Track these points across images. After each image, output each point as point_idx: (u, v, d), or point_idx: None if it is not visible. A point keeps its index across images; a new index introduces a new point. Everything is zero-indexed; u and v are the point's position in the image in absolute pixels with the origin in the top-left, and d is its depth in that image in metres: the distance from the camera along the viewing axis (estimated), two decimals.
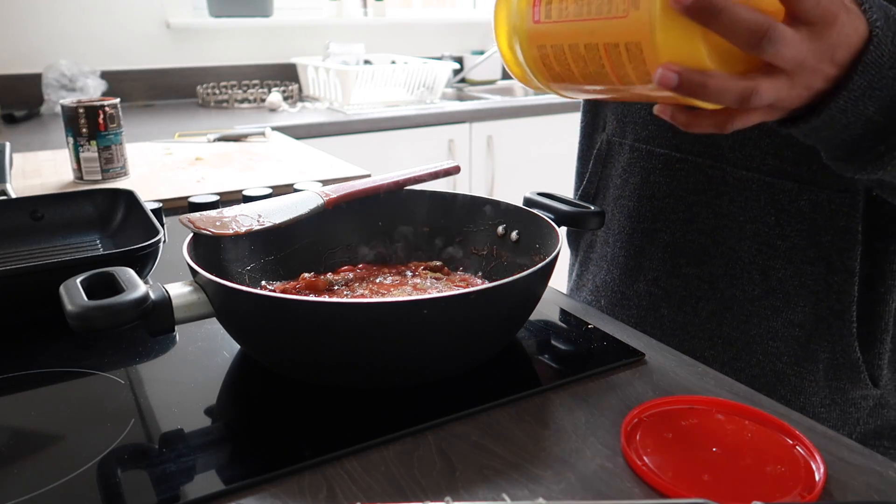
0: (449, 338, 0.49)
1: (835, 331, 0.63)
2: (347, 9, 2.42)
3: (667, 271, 0.71)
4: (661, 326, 0.72)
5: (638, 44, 0.42)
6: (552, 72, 0.50)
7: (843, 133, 0.45)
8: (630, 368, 0.55)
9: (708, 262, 0.68)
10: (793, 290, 0.64)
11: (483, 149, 2.14)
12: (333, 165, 1.23)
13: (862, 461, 0.44)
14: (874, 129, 0.45)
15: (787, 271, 0.64)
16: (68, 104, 1.08)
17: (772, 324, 0.66)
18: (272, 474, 0.42)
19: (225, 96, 2.16)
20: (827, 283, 0.63)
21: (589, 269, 0.81)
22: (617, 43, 0.43)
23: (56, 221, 0.80)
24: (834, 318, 0.63)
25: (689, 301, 0.70)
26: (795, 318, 0.65)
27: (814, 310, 0.64)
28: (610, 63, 0.44)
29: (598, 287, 0.79)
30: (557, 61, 0.49)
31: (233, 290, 0.47)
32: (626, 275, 0.75)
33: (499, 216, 0.68)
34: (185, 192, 1.04)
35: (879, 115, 0.44)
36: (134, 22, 2.15)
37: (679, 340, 0.70)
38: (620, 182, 0.76)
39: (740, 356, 0.68)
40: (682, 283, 0.70)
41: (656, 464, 0.42)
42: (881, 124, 0.44)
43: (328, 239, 0.69)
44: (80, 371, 0.54)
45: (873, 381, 0.65)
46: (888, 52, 0.42)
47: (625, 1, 0.41)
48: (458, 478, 0.42)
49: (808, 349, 0.65)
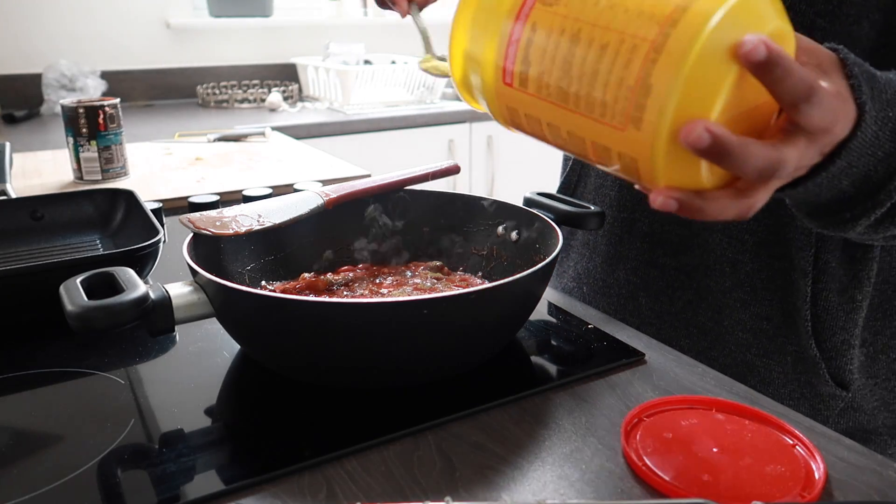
0: (449, 338, 0.49)
1: (795, 327, 0.65)
2: (347, 9, 2.42)
3: (645, 261, 0.72)
4: (640, 315, 0.73)
5: (634, 159, 0.38)
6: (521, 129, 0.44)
7: (814, 199, 0.47)
8: (630, 368, 0.55)
9: (684, 252, 0.69)
10: (760, 284, 0.66)
11: (483, 149, 2.14)
12: (333, 165, 1.23)
13: (862, 461, 0.44)
14: (843, 198, 0.46)
15: (754, 265, 0.65)
16: (68, 104, 1.08)
17: (741, 315, 0.67)
18: (272, 474, 0.42)
19: (225, 96, 2.16)
20: (789, 280, 0.64)
21: (570, 256, 0.82)
22: (609, 147, 0.38)
23: (56, 221, 0.80)
24: (796, 314, 0.65)
25: (666, 291, 0.71)
26: (762, 311, 0.66)
27: (780, 305, 0.65)
28: (595, 155, 0.40)
29: (580, 274, 0.80)
30: (530, 126, 0.43)
31: (233, 290, 0.47)
32: (607, 263, 0.76)
33: (499, 216, 0.68)
34: (185, 192, 1.04)
35: (851, 188, 0.45)
36: (134, 22, 2.15)
37: (656, 329, 0.72)
38: (601, 171, 0.76)
39: (714, 345, 0.69)
40: (660, 273, 0.71)
41: (656, 464, 0.42)
42: (851, 194, 0.46)
43: (328, 239, 0.69)
44: (80, 371, 0.54)
45: (838, 383, 0.66)
46: (871, 133, 0.43)
47: (624, 114, 0.36)
48: (458, 478, 0.42)
49: (775, 342, 0.66)
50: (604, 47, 0.37)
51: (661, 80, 0.35)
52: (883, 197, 0.46)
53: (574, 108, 0.39)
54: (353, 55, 2.29)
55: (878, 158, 0.44)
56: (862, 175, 0.44)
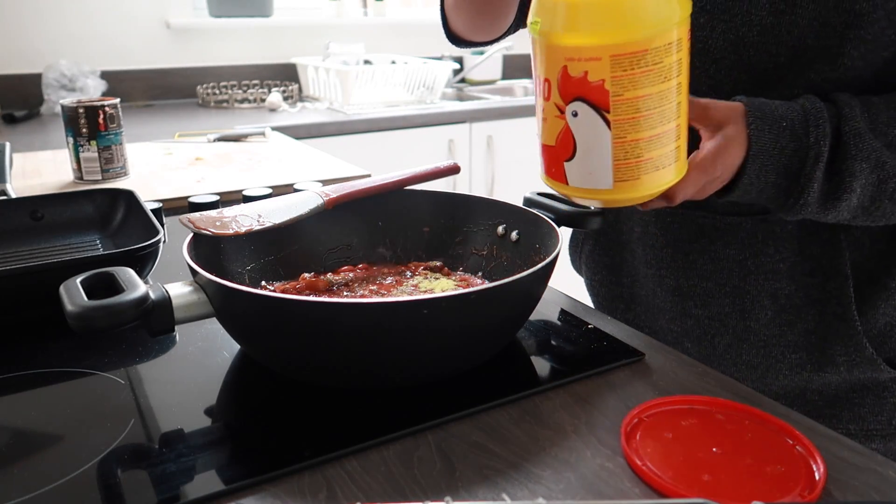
0: (449, 338, 0.49)
1: (842, 332, 0.66)
2: (347, 9, 2.42)
3: (679, 312, 0.74)
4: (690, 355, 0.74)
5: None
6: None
7: (762, 195, 0.58)
8: (630, 368, 0.55)
9: (713, 303, 0.71)
10: (800, 302, 0.67)
11: (483, 149, 2.14)
12: (333, 165, 1.23)
13: (862, 461, 0.44)
14: (780, 189, 0.57)
15: (791, 288, 0.67)
16: (68, 104, 1.08)
17: (789, 337, 0.69)
18: (272, 474, 0.42)
19: (225, 96, 2.16)
20: (826, 291, 0.66)
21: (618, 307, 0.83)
22: None
23: (56, 221, 0.80)
24: (839, 322, 0.66)
25: (706, 337, 0.73)
26: (808, 325, 0.68)
27: (821, 316, 0.67)
28: None
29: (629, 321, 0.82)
30: None
31: (233, 290, 0.47)
32: (649, 313, 0.78)
33: (499, 216, 0.68)
34: (185, 192, 1.04)
35: (780, 179, 0.57)
36: (134, 22, 2.15)
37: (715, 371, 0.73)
38: (626, 228, 0.78)
39: (767, 375, 0.71)
40: (695, 323, 0.73)
41: (656, 464, 0.42)
42: (783, 185, 0.57)
43: (328, 239, 0.69)
44: (80, 371, 0.54)
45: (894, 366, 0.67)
46: (767, 141, 0.55)
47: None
48: (458, 478, 0.42)
49: (825, 353, 0.68)
50: None
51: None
52: (803, 181, 0.56)
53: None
54: (353, 55, 2.30)
55: (787, 155, 0.56)
56: (781, 168, 0.56)
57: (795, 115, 0.56)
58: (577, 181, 0.53)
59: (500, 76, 2.73)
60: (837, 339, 0.66)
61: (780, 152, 0.56)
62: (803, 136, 0.56)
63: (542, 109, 0.53)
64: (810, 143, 0.55)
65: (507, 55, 2.76)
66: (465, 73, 2.62)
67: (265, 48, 2.37)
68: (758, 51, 0.61)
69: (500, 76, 2.72)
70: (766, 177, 0.56)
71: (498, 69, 2.70)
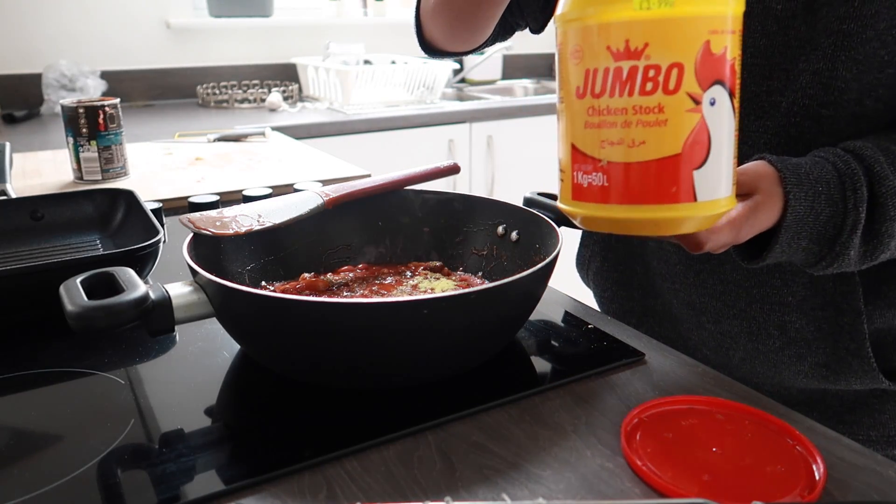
0: (449, 338, 0.49)
1: (856, 367, 0.65)
2: (347, 9, 2.42)
3: (693, 325, 0.74)
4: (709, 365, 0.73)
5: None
6: None
7: (791, 258, 0.56)
8: (630, 368, 0.55)
9: (725, 321, 0.71)
10: (810, 336, 0.66)
11: (483, 149, 2.14)
12: (333, 165, 1.23)
13: (862, 461, 0.44)
14: (811, 254, 0.55)
15: (801, 321, 0.66)
16: (68, 104, 1.08)
17: (799, 367, 0.68)
18: (272, 474, 0.42)
19: (225, 96, 2.16)
20: (839, 325, 0.65)
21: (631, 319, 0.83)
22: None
23: (56, 221, 0.80)
24: (852, 358, 0.65)
25: (720, 350, 0.73)
26: (819, 359, 0.67)
27: (833, 350, 0.66)
28: None
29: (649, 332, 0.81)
30: None
31: (233, 290, 0.47)
32: (668, 322, 0.78)
33: (499, 216, 0.67)
34: (185, 192, 1.04)
35: (812, 244, 0.54)
36: (134, 22, 2.15)
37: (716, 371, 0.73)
38: (637, 241, 0.78)
39: (779, 392, 0.71)
40: (709, 336, 0.73)
41: (656, 464, 0.42)
42: (815, 250, 0.54)
43: (328, 239, 0.69)
44: (80, 371, 0.54)
45: None
46: (803, 207, 0.52)
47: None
48: (458, 478, 0.42)
49: (840, 383, 0.67)
50: None
51: None
52: (839, 248, 0.53)
53: None
54: (353, 55, 2.29)
55: (822, 221, 0.53)
56: (815, 235, 0.53)
57: (830, 177, 0.53)
58: (706, 192, 0.42)
59: (500, 76, 2.73)
60: (851, 373, 0.65)
61: (815, 219, 0.53)
62: (840, 201, 0.53)
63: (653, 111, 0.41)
64: (848, 209, 0.52)
65: (507, 55, 2.76)
66: (465, 73, 2.62)
67: (265, 48, 2.37)
68: (751, 73, 0.60)
69: (500, 76, 2.72)
70: (798, 243, 0.54)
71: (498, 69, 2.70)
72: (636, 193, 0.42)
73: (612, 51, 0.41)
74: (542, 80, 2.79)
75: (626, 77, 0.41)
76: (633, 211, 0.43)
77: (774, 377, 0.70)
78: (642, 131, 0.41)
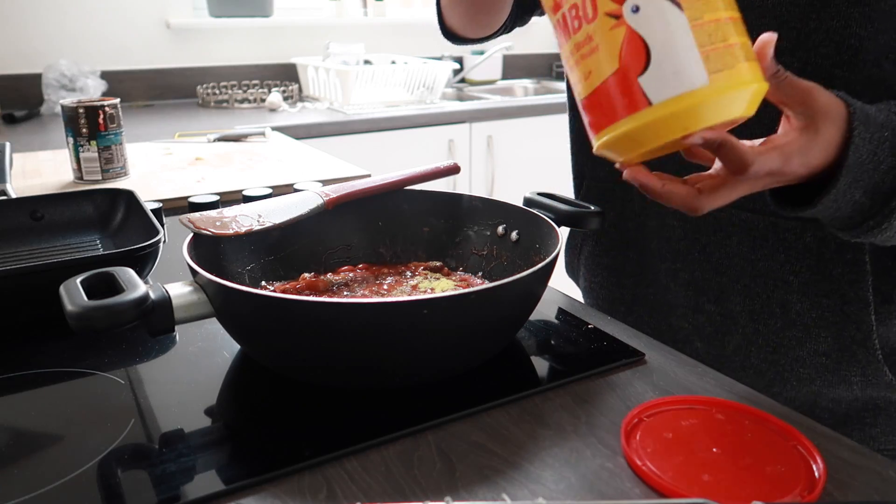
0: (449, 338, 0.49)
1: (860, 358, 0.64)
2: (347, 9, 2.42)
3: (692, 308, 0.73)
4: (699, 358, 0.73)
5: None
6: None
7: (836, 213, 0.51)
8: (630, 368, 0.55)
9: (726, 300, 0.70)
10: (811, 323, 0.65)
11: (483, 149, 2.14)
12: (333, 165, 1.23)
13: (862, 461, 0.44)
14: (861, 209, 0.50)
15: (803, 305, 0.65)
16: (68, 104, 1.08)
17: (798, 353, 0.67)
18: (272, 474, 0.42)
19: (225, 96, 2.16)
20: (844, 314, 0.63)
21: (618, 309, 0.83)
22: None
23: (56, 221, 0.80)
24: (857, 347, 0.64)
25: (716, 336, 0.72)
26: (819, 347, 0.66)
27: (836, 340, 0.65)
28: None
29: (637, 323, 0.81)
30: None
31: (233, 290, 0.47)
32: (658, 311, 0.77)
33: (499, 216, 0.68)
34: (185, 192, 1.04)
35: (866, 199, 0.50)
36: (134, 22, 2.15)
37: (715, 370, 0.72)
38: (633, 226, 0.77)
39: (774, 383, 0.70)
40: (707, 320, 0.72)
41: (656, 464, 0.42)
42: (867, 205, 0.50)
43: (328, 239, 0.69)
44: (80, 371, 0.54)
45: None
46: (867, 151, 0.48)
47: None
48: (458, 478, 0.42)
49: (838, 374, 0.66)
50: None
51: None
52: (894, 205, 0.49)
53: None
54: (353, 55, 2.29)
55: (881, 172, 0.49)
56: (871, 186, 0.49)
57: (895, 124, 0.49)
58: (663, 91, 0.42)
59: (500, 76, 2.73)
60: (854, 362, 0.65)
61: (875, 167, 0.48)
62: None
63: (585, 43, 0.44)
64: None
65: (507, 55, 2.76)
66: (465, 73, 2.62)
67: (265, 48, 2.37)
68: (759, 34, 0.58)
69: (500, 76, 2.72)
70: (852, 193, 0.49)
71: (498, 69, 2.70)
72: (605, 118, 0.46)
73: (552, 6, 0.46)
74: (542, 80, 2.79)
75: (563, 25, 0.46)
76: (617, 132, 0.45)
77: (768, 370, 0.69)
78: (587, 63, 0.45)
